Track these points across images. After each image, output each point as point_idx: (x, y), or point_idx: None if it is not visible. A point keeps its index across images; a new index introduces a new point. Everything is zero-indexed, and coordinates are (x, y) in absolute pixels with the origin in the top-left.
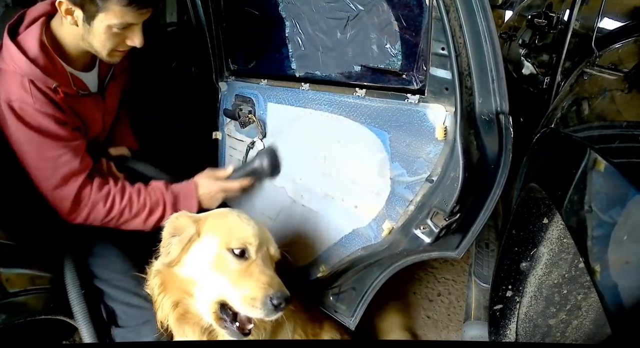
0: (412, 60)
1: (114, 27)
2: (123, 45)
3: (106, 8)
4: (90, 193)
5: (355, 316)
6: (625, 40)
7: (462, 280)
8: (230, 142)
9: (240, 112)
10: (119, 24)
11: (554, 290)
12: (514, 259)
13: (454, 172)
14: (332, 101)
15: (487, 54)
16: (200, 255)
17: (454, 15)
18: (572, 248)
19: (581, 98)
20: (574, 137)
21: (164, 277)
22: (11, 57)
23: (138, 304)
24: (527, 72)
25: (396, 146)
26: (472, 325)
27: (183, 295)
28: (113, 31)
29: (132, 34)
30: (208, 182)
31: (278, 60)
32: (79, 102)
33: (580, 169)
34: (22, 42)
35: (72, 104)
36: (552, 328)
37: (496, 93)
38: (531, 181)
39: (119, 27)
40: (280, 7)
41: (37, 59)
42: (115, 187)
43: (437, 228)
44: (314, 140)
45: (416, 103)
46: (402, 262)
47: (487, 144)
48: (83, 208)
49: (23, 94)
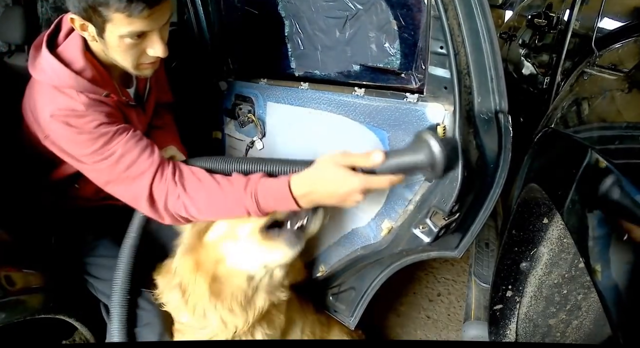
0: (410, 59)
1: (125, 37)
2: (146, 56)
3: (110, 17)
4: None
5: (354, 316)
6: (625, 40)
7: (462, 280)
8: (230, 142)
9: (239, 111)
10: (128, 33)
11: (554, 290)
12: (514, 259)
13: (453, 171)
14: (331, 100)
15: (486, 53)
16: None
17: (453, 14)
18: (572, 248)
19: (581, 98)
20: (574, 137)
21: (198, 252)
22: (53, 70)
23: (140, 305)
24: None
25: (395, 145)
26: (472, 325)
27: (217, 265)
28: (127, 42)
29: (150, 43)
30: (329, 168)
31: (277, 60)
32: (128, 112)
33: (580, 169)
34: (64, 54)
35: (122, 109)
36: (552, 328)
37: (495, 92)
38: (531, 181)
39: (131, 36)
40: (279, 7)
41: (84, 71)
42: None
43: (437, 227)
44: (313, 139)
45: (415, 102)
46: (401, 261)
47: (486, 143)
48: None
49: (70, 103)
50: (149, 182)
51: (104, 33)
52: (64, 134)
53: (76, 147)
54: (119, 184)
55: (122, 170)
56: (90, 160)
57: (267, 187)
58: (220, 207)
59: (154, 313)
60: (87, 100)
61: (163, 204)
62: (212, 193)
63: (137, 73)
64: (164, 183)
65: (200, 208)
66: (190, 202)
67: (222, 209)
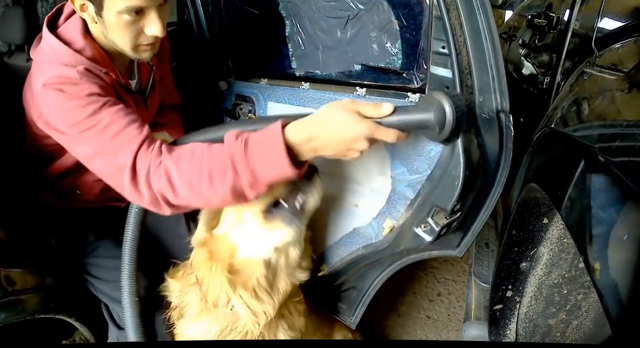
0: (412, 59)
1: (123, 13)
2: (144, 36)
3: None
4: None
5: (355, 315)
6: (625, 40)
7: (462, 280)
8: None
9: (240, 111)
10: (125, 8)
11: (554, 290)
12: (514, 259)
13: (455, 170)
14: (333, 100)
15: (488, 53)
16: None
17: (455, 14)
18: (572, 248)
19: (581, 98)
20: (574, 137)
21: (210, 244)
22: (52, 48)
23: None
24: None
25: (396, 145)
26: (472, 325)
27: (232, 256)
28: (125, 19)
29: (148, 21)
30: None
31: (278, 60)
32: (125, 97)
33: (580, 169)
34: (64, 33)
35: (120, 94)
36: (552, 328)
37: (496, 91)
38: (531, 181)
39: (128, 12)
40: (280, 7)
41: (84, 50)
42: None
43: (438, 226)
44: None
45: (417, 101)
46: (402, 260)
47: (487, 143)
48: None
49: (65, 71)
50: (134, 151)
51: (102, 11)
52: (54, 101)
53: (65, 115)
54: (103, 157)
55: (108, 138)
56: (77, 130)
57: (259, 134)
58: (204, 164)
59: None
60: (83, 71)
61: (145, 173)
62: (197, 149)
63: (136, 56)
64: (149, 153)
65: (182, 171)
66: (174, 165)
67: (206, 168)
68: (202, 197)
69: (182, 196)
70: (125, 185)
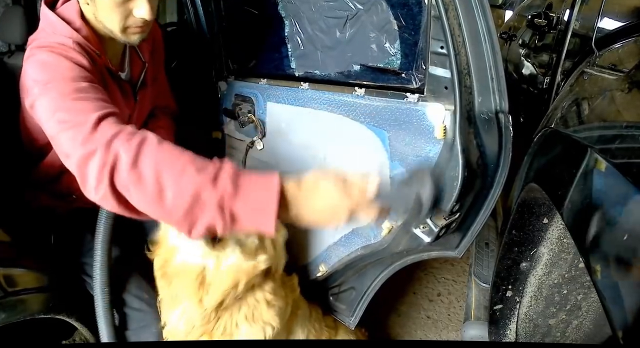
0: (411, 59)
1: None
2: (132, 18)
3: None
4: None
5: (355, 316)
6: (625, 40)
7: (462, 280)
8: (230, 142)
9: (239, 111)
10: None
11: (554, 290)
12: (514, 259)
13: (454, 171)
14: (332, 100)
15: (486, 53)
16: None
17: (453, 14)
18: (572, 248)
19: (581, 98)
20: (574, 137)
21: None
22: (51, 24)
23: (138, 307)
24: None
25: (395, 145)
26: (472, 325)
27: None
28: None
29: (137, 4)
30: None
31: (277, 60)
32: (113, 87)
33: (580, 169)
34: (62, 14)
35: (108, 80)
36: (552, 328)
37: (495, 92)
38: (531, 181)
39: None
40: (279, 7)
41: (81, 29)
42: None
43: (437, 227)
44: (314, 139)
45: (415, 102)
46: (401, 261)
47: (486, 143)
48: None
49: (60, 39)
50: (101, 114)
51: None
52: (38, 59)
53: (43, 69)
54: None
55: (75, 98)
56: (49, 84)
57: (253, 176)
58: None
59: (151, 315)
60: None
61: (110, 134)
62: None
63: (125, 38)
64: (117, 124)
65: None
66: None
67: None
68: (158, 186)
69: (137, 172)
70: (79, 139)
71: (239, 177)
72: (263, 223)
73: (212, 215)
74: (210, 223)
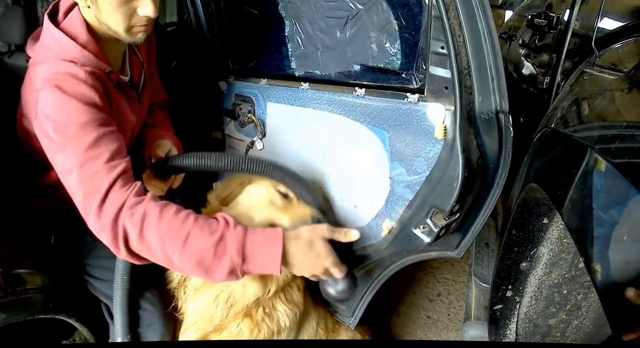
0: (411, 59)
1: None
2: (137, 17)
3: None
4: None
5: (354, 316)
6: (625, 40)
7: (462, 280)
8: (230, 142)
9: (239, 111)
10: None
11: (554, 290)
12: (514, 259)
13: (454, 171)
14: (332, 100)
15: (487, 53)
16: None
17: (454, 14)
18: (572, 248)
19: (581, 98)
20: (574, 137)
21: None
22: (58, 43)
23: (142, 306)
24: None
25: (395, 145)
26: (472, 325)
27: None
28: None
29: (141, 2)
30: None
31: (278, 60)
32: (121, 98)
33: (580, 169)
34: (68, 28)
35: (116, 96)
36: (552, 328)
37: (496, 92)
38: (531, 181)
39: None
40: (279, 7)
41: (88, 45)
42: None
43: (437, 227)
44: (314, 139)
45: (415, 102)
46: (401, 261)
47: (486, 143)
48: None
49: (72, 68)
50: (112, 180)
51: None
52: (53, 97)
53: (58, 113)
54: (79, 175)
55: (91, 158)
56: (64, 136)
57: (257, 238)
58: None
59: (156, 314)
60: (90, 72)
61: (117, 206)
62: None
63: (131, 38)
64: (126, 189)
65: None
66: (155, 211)
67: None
68: (165, 254)
69: (145, 244)
70: (92, 210)
71: (245, 246)
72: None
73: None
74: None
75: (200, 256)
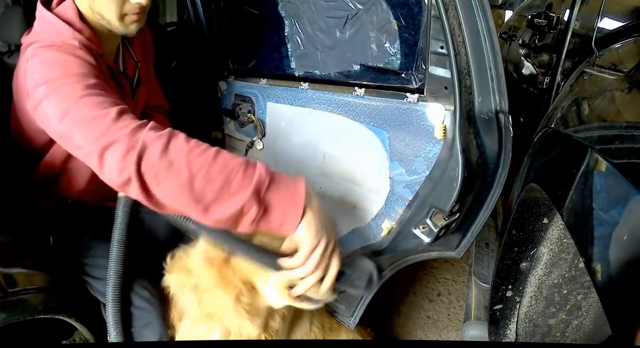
0: (411, 59)
1: None
2: (129, 5)
3: None
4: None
5: (354, 316)
6: (625, 40)
7: (462, 280)
8: (230, 142)
9: (239, 111)
10: None
11: (554, 290)
12: (514, 259)
13: (453, 171)
14: (331, 100)
15: (487, 53)
16: None
17: (453, 14)
18: (572, 248)
19: (581, 98)
20: (574, 137)
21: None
22: (53, 26)
23: (139, 305)
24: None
25: (395, 145)
26: (472, 325)
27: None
28: None
29: None
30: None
31: (277, 60)
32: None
33: (580, 169)
34: (61, 14)
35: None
36: (552, 328)
37: (495, 92)
38: (531, 181)
39: None
40: (279, 7)
41: (83, 30)
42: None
43: (437, 227)
44: (313, 139)
45: (415, 102)
46: (401, 261)
47: (486, 143)
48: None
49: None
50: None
51: None
52: (42, 59)
53: (50, 68)
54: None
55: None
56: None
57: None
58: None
59: (154, 313)
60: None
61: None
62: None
63: (124, 29)
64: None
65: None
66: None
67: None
68: (190, 171)
69: (168, 158)
70: (103, 127)
71: (270, 170)
72: (290, 217)
73: (246, 200)
74: (240, 209)
75: (228, 174)
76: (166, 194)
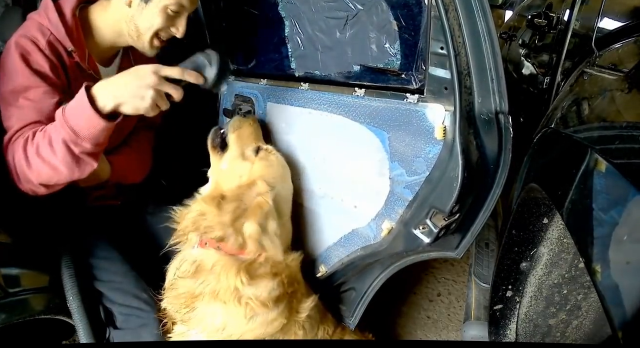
0: (411, 60)
1: (169, 6)
2: (166, 31)
3: None
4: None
5: (354, 316)
6: (625, 40)
7: (462, 280)
8: None
9: (239, 111)
10: (174, 3)
11: (554, 290)
12: (514, 259)
13: (453, 171)
14: (332, 101)
15: (487, 54)
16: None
17: (453, 15)
18: (572, 248)
19: (581, 98)
20: (574, 138)
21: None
22: (46, 11)
23: (137, 306)
24: (527, 72)
25: (395, 146)
26: (472, 325)
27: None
28: (167, 12)
29: (178, 22)
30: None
31: (277, 60)
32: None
33: (580, 170)
34: (60, 5)
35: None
36: (552, 328)
37: (495, 92)
38: (531, 181)
39: (174, 8)
40: (279, 7)
41: (69, 23)
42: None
43: (437, 228)
44: (313, 140)
45: (415, 102)
46: (401, 262)
47: (486, 144)
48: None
49: (38, 36)
50: (21, 126)
51: (150, 1)
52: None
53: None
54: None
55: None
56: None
57: (73, 99)
58: (46, 134)
59: (150, 314)
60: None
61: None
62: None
63: (147, 49)
64: (23, 137)
65: (35, 140)
66: (31, 140)
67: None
68: (45, 162)
69: (33, 165)
70: (5, 140)
71: (66, 119)
72: (89, 118)
73: (60, 136)
74: (63, 141)
75: (63, 145)
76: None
